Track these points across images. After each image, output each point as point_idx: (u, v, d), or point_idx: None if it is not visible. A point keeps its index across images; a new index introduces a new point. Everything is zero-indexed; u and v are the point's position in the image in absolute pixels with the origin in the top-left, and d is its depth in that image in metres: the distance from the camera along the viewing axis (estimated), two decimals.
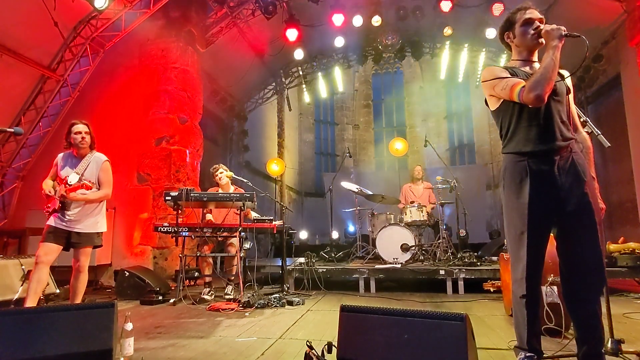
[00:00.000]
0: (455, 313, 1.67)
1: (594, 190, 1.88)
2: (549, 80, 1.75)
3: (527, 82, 1.79)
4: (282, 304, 3.90)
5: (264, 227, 4.39)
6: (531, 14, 1.94)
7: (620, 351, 2.08)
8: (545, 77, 1.75)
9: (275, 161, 10.46)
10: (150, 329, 3.04)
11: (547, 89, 1.75)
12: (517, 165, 1.91)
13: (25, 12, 4.97)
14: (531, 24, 1.93)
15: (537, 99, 1.75)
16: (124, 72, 6.23)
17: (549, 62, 1.77)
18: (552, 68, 1.76)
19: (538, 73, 1.78)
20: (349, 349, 1.83)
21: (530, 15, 1.94)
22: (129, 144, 5.96)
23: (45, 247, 3.08)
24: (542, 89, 1.74)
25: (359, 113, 16.08)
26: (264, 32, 7.83)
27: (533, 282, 1.86)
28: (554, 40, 1.79)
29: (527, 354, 1.86)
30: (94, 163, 3.30)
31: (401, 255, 5.22)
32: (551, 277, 2.60)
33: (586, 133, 2.10)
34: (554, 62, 1.76)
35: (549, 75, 1.75)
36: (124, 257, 5.68)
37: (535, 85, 1.75)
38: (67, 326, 1.98)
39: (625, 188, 6.63)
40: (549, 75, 1.75)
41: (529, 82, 1.78)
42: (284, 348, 2.51)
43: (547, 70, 1.76)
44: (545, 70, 1.76)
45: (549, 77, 1.75)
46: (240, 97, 9.97)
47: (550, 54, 1.78)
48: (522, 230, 1.86)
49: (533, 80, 1.77)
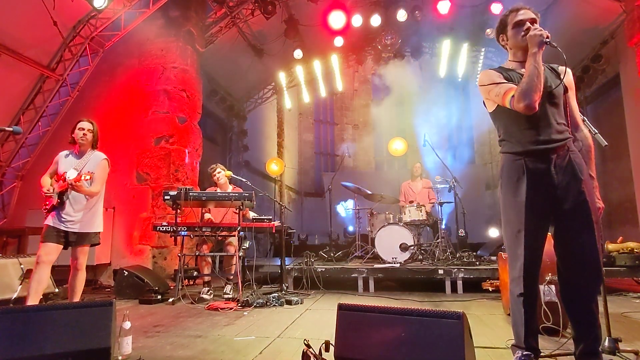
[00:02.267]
0: (452, 311, 1.68)
1: (591, 188, 1.88)
2: (535, 88, 1.76)
3: (516, 93, 1.80)
4: (280, 303, 3.91)
5: (263, 227, 4.40)
6: (523, 15, 1.94)
7: (617, 349, 2.08)
8: (531, 86, 1.76)
9: (274, 161, 10.46)
10: (149, 328, 3.05)
11: (536, 97, 1.76)
12: (514, 164, 1.92)
13: (25, 12, 4.98)
14: (522, 25, 1.92)
15: (526, 108, 1.77)
16: (124, 72, 6.23)
17: (531, 71, 1.78)
18: (535, 75, 1.76)
19: (523, 82, 1.79)
20: (346, 347, 1.83)
21: (521, 17, 1.94)
22: (128, 143, 5.97)
23: (46, 247, 3.09)
24: (530, 98, 1.75)
25: (359, 113, 16.07)
26: (263, 32, 7.84)
27: (530, 280, 1.87)
28: (533, 47, 1.80)
29: (525, 352, 1.86)
30: (93, 160, 3.31)
31: (400, 255, 5.23)
32: (549, 275, 2.60)
33: (587, 131, 2.08)
34: (537, 69, 1.77)
35: (534, 84, 1.76)
36: (123, 257, 5.68)
37: (523, 96, 1.76)
38: (65, 324, 1.99)
39: (624, 188, 6.63)
40: (534, 83, 1.76)
41: (517, 93, 1.79)
42: (282, 347, 2.52)
43: (531, 78, 1.76)
44: (530, 78, 1.77)
45: (534, 85, 1.76)
46: (239, 97, 9.98)
47: (532, 61, 1.79)
48: (519, 229, 1.86)
49: (520, 91, 1.78)
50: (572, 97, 2.02)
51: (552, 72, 1.99)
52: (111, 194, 5.28)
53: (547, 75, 1.93)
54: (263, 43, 8.29)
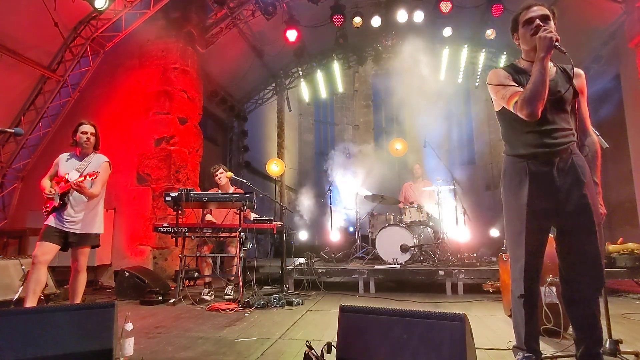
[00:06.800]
0: (454, 313, 1.68)
1: (593, 192, 1.87)
2: (539, 96, 1.74)
3: (519, 99, 1.78)
4: (281, 304, 3.91)
5: (263, 228, 4.40)
6: (533, 13, 1.87)
7: (618, 351, 2.08)
8: (535, 94, 1.74)
9: (275, 161, 10.45)
10: (150, 329, 3.05)
11: (539, 105, 1.75)
12: (517, 166, 1.92)
13: (26, 13, 4.98)
14: (532, 23, 1.87)
15: (529, 116, 1.76)
16: (124, 73, 6.24)
17: (537, 77, 1.74)
18: (540, 83, 1.73)
19: (527, 90, 1.76)
20: (348, 349, 1.84)
21: (531, 14, 1.87)
22: (128, 144, 5.97)
23: (42, 246, 3.07)
24: (533, 107, 1.74)
25: (359, 113, 16.06)
26: (263, 32, 7.84)
27: (531, 281, 1.87)
28: (541, 50, 1.75)
29: (526, 354, 1.87)
30: (95, 162, 3.32)
31: (400, 256, 5.23)
32: (550, 277, 2.61)
33: (596, 137, 2.04)
34: (542, 75, 1.73)
35: (538, 91, 1.73)
36: (123, 257, 5.68)
37: (526, 104, 1.75)
38: (67, 326, 1.99)
39: (624, 189, 6.64)
40: (538, 91, 1.73)
41: (520, 100, 1.77)
42: (283, 348, 2.52)
43: (535, 86, 1.74)
44: (534, 86, 1.74)
45: (538, 94, 1.73)
46: (240, 98, 9.98)
47: (538, 67, 1.74)
48: (520, 231, 1.87)
49: (523, 98, 1.76)
50: (583, 102, 1.98)
51: (563, 75, 1.94)
52: (112, 195, 5.28)
53: (558, 78, 1.90)
54: (263, 44, 8.29)
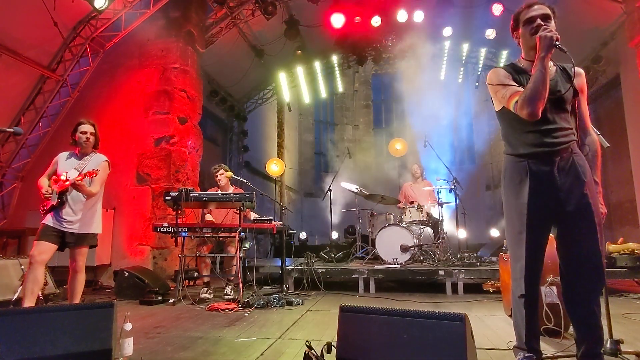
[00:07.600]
0: (455, 313, 1.67)
1: (594, 191, 1.87)
2: (539, 96, 1.73)
3: (519, 99, 1.77)
4: (281, 304, 3.90)
5: (263, 227, 4.39)
6: (534, 12, 1.86)
7: (619, 351, 2.07)
8: (535, 94, 1.73)
9: (274, 161, 10.46)
10: (149, 329, 3.04)
11: (539, 105, 1.74)
12: (517, 165, 1.91)
13: (25, 12, 4.97)
14: (532, 22, 1.85)
15: (529, 115, 1.75)
16: (124, 73, 6.23)
17: (537, 77, 1.74)
18: (541, 82, 1.73)
19: (528, 89, 1.76)
20: (348, 349, 1.83)
21: (532, 13, 1.86)
22: (128, 144, 5.96)
23: (39, 246, 3.05)
24: (533, 107, 1.74)
25: (359, 113, 16.06)
26: (263, 32, 7.83)
27: (531, 281, 1.86)
28: (542, 50, 1.74)
29: (526, 354, 1.86)
30: (94, 161, 3.31)
31: (400, 256, 5.22)
32: (550, 277, 2.60)
33: (596, 137, 2.03)
34: (543, 75, 1.73)
35: (539, 91, 1.73)
36: (123, 257, 5.67)
37: (526, 104, 1.74)
38: (66, 326, 1.98)
39: (625, 188, 6.64)
40: (538, 90, 1.73)
41: (520, 100, 1.77)
42: (283, 348, 2.51)
43: (536, 85, 1.73)
44: (535, 85, 1.74)
45: (538, 93, 1.73)
46: (240, 97, 9.98)
47: (539, 67, 1.74)
48: (521, 230, 1.86)
49: (523, 98, 1.75)
50: (583, 101, 1.97)
51: (563, 74, 1.93)
52: (111, 195, 5.27)
53: (558, 78, 1.90)
54: (263, 44, 8.29)
